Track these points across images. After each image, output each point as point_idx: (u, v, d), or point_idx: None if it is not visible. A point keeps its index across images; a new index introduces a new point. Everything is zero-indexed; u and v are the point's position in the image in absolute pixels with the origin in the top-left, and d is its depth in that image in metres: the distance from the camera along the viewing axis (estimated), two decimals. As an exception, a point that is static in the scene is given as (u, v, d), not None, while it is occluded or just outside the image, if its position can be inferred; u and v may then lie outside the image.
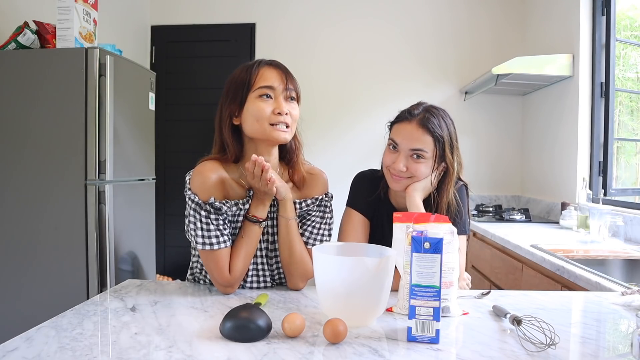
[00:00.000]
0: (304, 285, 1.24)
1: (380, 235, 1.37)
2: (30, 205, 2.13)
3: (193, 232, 1.13)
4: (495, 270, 2.36)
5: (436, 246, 0.87)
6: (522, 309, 1.06)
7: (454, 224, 1.20)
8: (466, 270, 1.54)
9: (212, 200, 1.12)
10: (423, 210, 1.29)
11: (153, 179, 2.69)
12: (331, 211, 1.29)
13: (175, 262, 3.67)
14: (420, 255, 0.87)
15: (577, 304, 1.21)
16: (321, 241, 1.24)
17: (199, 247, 1.13)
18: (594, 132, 2.67)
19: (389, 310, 1.05)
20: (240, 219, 1.18)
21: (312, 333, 0.90)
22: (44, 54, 2.16)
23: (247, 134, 1.17)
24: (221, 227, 1.14)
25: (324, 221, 1.27)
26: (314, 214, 1.25)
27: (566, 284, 1.62)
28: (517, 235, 2.28)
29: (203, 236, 1.12)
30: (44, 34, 2.20)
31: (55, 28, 2.19)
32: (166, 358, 0.77)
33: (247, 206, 1.17)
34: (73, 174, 2.11)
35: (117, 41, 2.68)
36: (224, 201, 1.14)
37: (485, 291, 1.20)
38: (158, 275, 3.36)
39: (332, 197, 1.29)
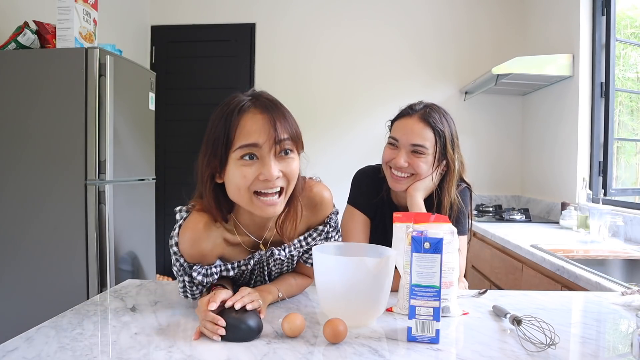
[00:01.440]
0: None
1: (382, 234, 1.36)
2: (30, 205, 2.13)
3: (185, 290, 1.01)
4: (495, 270, 2.36)
5: (436, 246, 0.87)
6: (522, 309, 1.06)
7: (456, 224, 1.20)
8: (466, 271, 1.53)
9: (197, 268, 0.97)
10: (424, 210, 1.29)
11: (153, 179, 2.69)
12: (336, 228, 1.12)
13: (175, 262, 3.67)
14: (420, 255, 0.87)
15: (577, 304, 1.20)
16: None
17: (181, 294, 1.02)
18: (594, 132, 2.67)
19: (389, 310, 1.05)
20: (237, 276, 1.06)
21: (312, 333, 0.90)
22: (44, 54, 2.16)
23: (230, 198, 0.96)
24: (207, 279, 1.00)
25: (327, 236, 1.11)
26: (319, 239, 1.10)
27: (566, 284, 1.62)
28: (517, 235, 2.28)
29: (185, 291, 1.01)
30: (44, 34, 2.20)
31: (55, 28, 2.19)
32: (166, 358, 0.77)
33: (243, 268, 1.04)
34: (73, 174, 2.11)
35: (117, 41, 2.68)
36: (210, 271, 0.99)
37: (482, 290, 1.20)
38: (158, 275, 3.36)
39: (337, 212, 1.13)
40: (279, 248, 1.05)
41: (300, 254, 1.11)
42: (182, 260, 0.98)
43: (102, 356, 0.78)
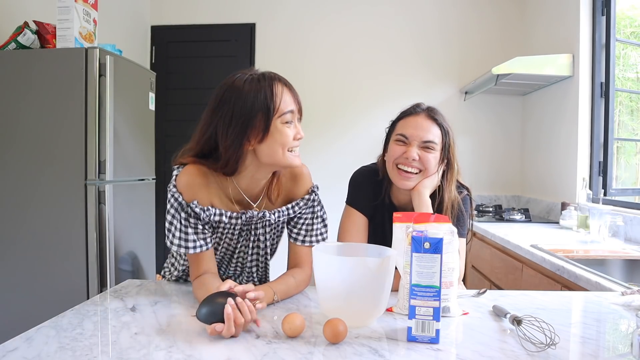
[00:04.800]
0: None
1: (382, 235, 1.37)
2: (30, 205, 2.13)
3: (171, 232, 1.10)
4: (495, 270, 2.36)
5: (436, 246, 0.87)
6: (522, 309, 1.06)
7: (455, 226, 1.19)
8: (466, 271, 1.54)
9: (195, 203, 1.08)
10: (431, 208, 1.29)
11: (153, 179, 2.69)
12: (320, 203, 1.24)
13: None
14: (420, 255, 0.87)
15: (577, 304, 1.20)
16: (317, 238, 1.22)
17: (174, 248, 1.09)
18: (594, 132, 2.67)
19: (389, 310, 1.05)
20: (225, 231, 1.15)
21: (312, 333, 0.90)
22: (44, 54, 2.16)
23: (263, 159, 1.09)
24: (199, 232, 1.10)
25: (316, 216, 1.22)
26: (304, 213, 1.22)
27: (566, 284, 1.62)
28: (517, 235, 2.28)
29: (180, 237, 1.09)
30: (44, 34, 2.20)
31: (55, 28, 2.18)
32: (166, 358, 0.77)
33: (233, 221, 1.13)
34: (73, 174, 2.11)
35: (117, 41, 2.68)
36: (207, 207, 1.10)
37: (482, 290, 1.20)
38: (158, 275, 3.36)
39: (317, 187, 1.25)
40: (270, 212, 1.16)
41: (287, 221, 1.22)
42: (180, 199, 1.09)
43: (102, 356, 0.78)
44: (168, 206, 1.11)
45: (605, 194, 2.55)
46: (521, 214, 2.89)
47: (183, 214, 1.09)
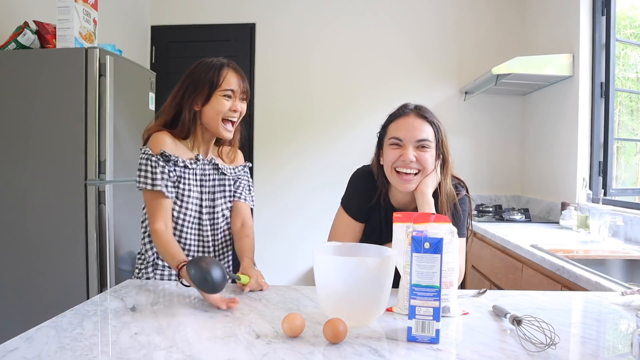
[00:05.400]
0: None
1: (379, 236, 1.37)
2: (31, 205, 2.13)
3: (140, 179, 1.34)
4: (495, 270, 2.36)
5: (436, 246, 0.87)
6: (522, 309, 1.06)
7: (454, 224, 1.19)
8: (466, 271, 1.54)
9: (162, 150, 1.34)
10: (434, 207, 1.29)
11: (153, 179, 2.68)
12: (250, 179, 1.57)
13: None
14: (420, 255, 0.87)
15: (577, 304, 1.21)
16: (252, 199, 1.54)
17: (141, 185, 1.34)
18: (594, 132, 2.67)
19: (389, 310, 1.05)
20: (186, 182, 1.39)
21: (312, 333, 0.90)
22: (44, 54, 2.16)
23: (205, 122, 1.39)
24: (165, 174, 1.34)
25: (250, 183, 1.56)
26: (243, 178, 1.53)
27: (566, 284, 1.62)
28: (517, 235, 2.28)
29: (146, 177, 1.33)
30: (44, 34, 2.20)
31: (55, 28, 2.18)
32: (166, 358, 0.77)
33: (194, 166, 1.40)
34: (73, 174, 2.11)
35: (117, 41, 2.68)
36: (174, 155, 1.35)
37: (482, 290, 1.20)
38: (158, 275, 3.35)
39: (251, 166, 1.59)
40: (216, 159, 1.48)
41: (232, 184, 1.49)
42: (149, 152, 1.35)
43: (102, 356, 0.78)
44: (139, 166, 1.36)
45: (605, 194, 2.55)
46: (521, 214, 2.89)
47: (153, 158, 1.34)
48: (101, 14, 2.41)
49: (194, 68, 1.40)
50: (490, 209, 3.12)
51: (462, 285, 2.87)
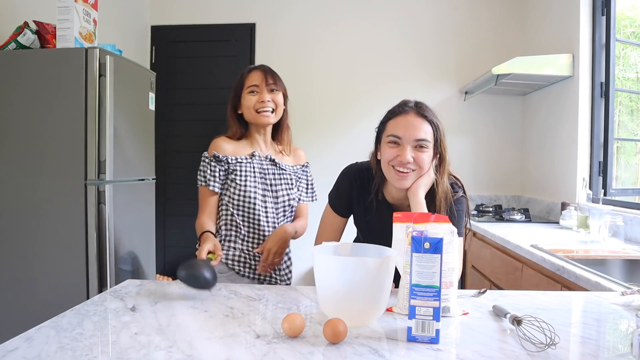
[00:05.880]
0: None
1: (379, 231, 1.36)
2: (30, 205, 2.12)
3: (199, 177, 1.58)
4: (495, 270, 2.36)
5: (436, 246, 0.87)
6: (522, 309, 1.06)
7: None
8: (466, 271, 1.56)
9: (214, 153, 1.56)
10: (425, 207, 1.29)
11: (153, 179, 2.68)
12: (312, 177, 1.76)
13: (175, 262, 3.65)
14: (420, 255, 0.87)
15: (577, 304, 1.21)
16: (313, 196, 1.75)
17: (198, 184, 1.59)
18: (594, 132, 2.67)
19: (389, 310, 1.05)
20: (242, 174, 1.56)
21: (312, 333, 0.90)
22: (44, 54, 2.16)
23: (247, 119, 1.61)
24: (216, 174, 1.56)
25: (309, 182, 1.75)
26: (302, 178, 1.71)
27: (566, 284, 1.62)
28: (517, 235, 2.28)
29: (199, 175, 1.58)
30: (44, 34, 2.20)
31: (55, 28, 2.18)
32: (166, 358, 0.77)
33: (249, 161, 1.59)
34: (73, 174, 2.10)
35: (117, 41, 2.68)
36: (223, 155, 1.57)
37: (482, 290, 1.20)
38: (158, 275, 3.36)
39: (308, 164, 1.76)
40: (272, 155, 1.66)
41: (297, 185, 1.69)
42: (205, 154, 1.59)
43: (102, 356, 0.78)
44: (200, 167, 1.59)
45: (605, 194, 2.55)
46: (521, 214, 2.89)
47: (207, 160, 1.58)
48: (101, 14, 2.41)
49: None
50: (490, 209, 3.12)
51: (462, 285, 2.88)
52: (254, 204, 1.56)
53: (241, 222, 1.58)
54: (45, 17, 2.30)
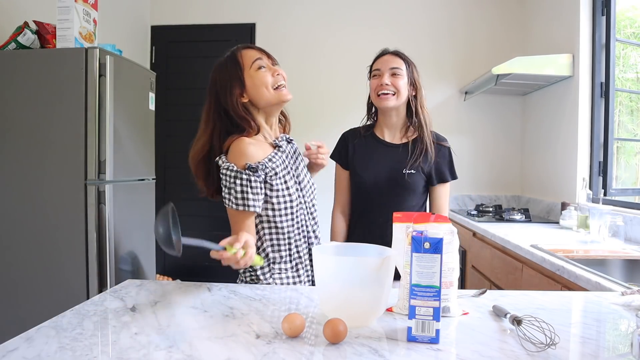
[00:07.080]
0: None
1: (374, 168, 1.64)
2: (30, 205, 2.13)
3: (231, 198, 1.23)
4: (495, 270, 2.36)
5: (436, 246, 0.87)
6: (522, 309, 1.06)
7: (441, 172, 1.62)
8: (466, 271, 1.62)
9: (247, 164, 1.23)
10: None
11: (153, 179, 2.68)
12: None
13: (175, 262, 3.67)
14: (420, 255, 0.87)
15: (577, 304, 1.20)
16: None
17: (232, 205, 1.23)
18: (594, 132, 2.67)
19: (389, 310, 1.05)
20: (282, 172, 1.30)
21: (312, 333, 0.90)
22: (44, 54, 2.16)
23: (258, 104, 1.32)
24: (256, 190, 1.24)
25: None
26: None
27: (566, 284, 1.62)
28: (517, 235, 2.28)
29: (237, 197, 1.23)
30: (44, 34, 2.20)
31: (55, 28, 2.18)
32: (166, 358, 0.77)
33: (279, 155, 1.32)
34: (73, 174, 2.10)
35: (117, 41, 2.68)
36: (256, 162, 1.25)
37: (482, 290, 1.20)
38: (158, 275, 3.36)
39: None
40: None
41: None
42: (235, 168, 1.23)
43: (102, 356, 0.78)
44: (226, 183, 1.25)
45: (605, 194, 2.55)
46: (521, 214, 2.89)
47: (243, 177, 1.23)
48: (101, 14, 2.41)
49: (212, 77, 1.36)
50: (490, 209, 3.12)
51: (462, 285, 2.87)
52: (300, 194, 1.34)
53: (294, 237, 1.32)
54: (45, 17, 2.30)
